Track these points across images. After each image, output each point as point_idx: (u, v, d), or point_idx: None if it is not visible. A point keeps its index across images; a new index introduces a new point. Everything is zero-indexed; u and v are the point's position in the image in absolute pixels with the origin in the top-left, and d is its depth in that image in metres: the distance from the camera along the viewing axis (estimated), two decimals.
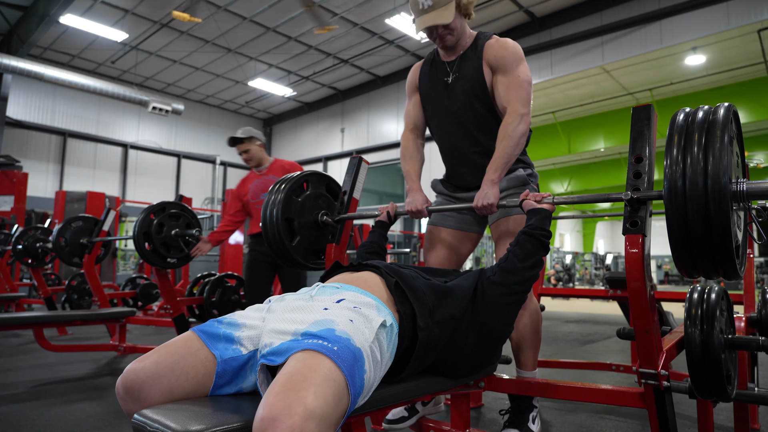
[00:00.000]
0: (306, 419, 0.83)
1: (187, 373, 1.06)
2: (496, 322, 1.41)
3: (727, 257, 1.20)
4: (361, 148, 13.89)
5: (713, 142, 1.18)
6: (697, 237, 1.19)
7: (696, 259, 1.24)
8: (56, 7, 9.05)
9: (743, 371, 1.88)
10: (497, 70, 1.83)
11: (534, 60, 10.46)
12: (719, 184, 1.15)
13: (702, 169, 1.17)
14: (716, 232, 1.17)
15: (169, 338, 1.15)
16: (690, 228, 1.19)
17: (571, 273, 20.19)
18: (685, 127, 1.25)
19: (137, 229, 3.22)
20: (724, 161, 1.16)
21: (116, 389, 1.06)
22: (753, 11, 8.16)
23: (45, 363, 3.62)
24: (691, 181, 1.18)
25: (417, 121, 2.08)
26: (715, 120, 1.22)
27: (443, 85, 1.93)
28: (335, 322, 1.04)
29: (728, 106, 1.26)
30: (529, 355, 1.87)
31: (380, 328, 1.11)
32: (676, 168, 1.21)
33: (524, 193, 1.66)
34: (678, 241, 1.23)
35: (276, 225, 1.98)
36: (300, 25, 10.71)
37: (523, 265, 1.46)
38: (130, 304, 5.49)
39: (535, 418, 1.84)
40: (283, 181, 2.08)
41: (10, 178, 8.20)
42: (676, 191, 1.20)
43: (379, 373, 1.10)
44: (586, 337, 5.35)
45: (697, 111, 1.28)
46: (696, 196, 1.17)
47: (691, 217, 1.18)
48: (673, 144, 1.24)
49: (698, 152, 1.19)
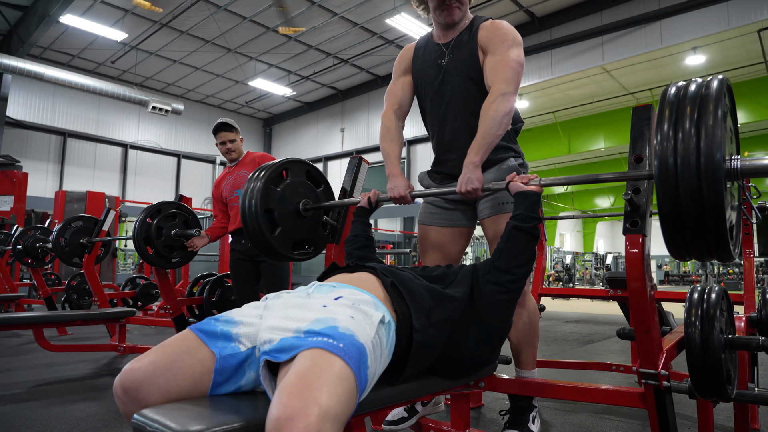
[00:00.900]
0: (322, 419, 0.83)
1: (185, 372, 1.05)
2: (495, 319, 1.41)
3: (721, 238, 1.15)
4: (361, 148, 13.89)
5: (706, 117, 1.12)
6: (690, 217, 1.13)
7: (688, 241, 1.19)
8: (56, 7, 9.05)
9: (743, 371, 1.88)
10: (487, 51, 1.78)
11: (534, 60, 10.46)
12: (712, 161, 1.08)
13: (694, 145, 1.11)
14: (709, 211, 1.11)
15: (169, 338, 1.15)
16: (682, 207, 1.13)
17: (571, 273, 20.18)
18: (677, 102, 1.18)
19: (137, 229, 3.21)
20: (717, 137, 1.09)
21: (114, 390, 1.06)
22: (753, 11, 8.16)
23: (45, 363, 3.62)
24: (682, 159, 1.11)
25: (402, 102, 2.02)
26: (708, 94, 1.15)
27: (437, 67, 1.88)
28: (336, 319, 1.04)
29: (722, 80, 1.19)
30: (529, 354, 1.88)
31: (379, 324, 1.11)
32: (667, 144, 1.14)
33: (511, 174, 1.59)
34: (669, 222, 1.17)
35: (255, 217, 1.88)
36: (300, 25, 10.71)
37: (516, 263, 1.44)
38: (129, 304, 5.49)
39: (534, 418, 1.84)
40: (260, 169, 1.97)
41: (10, 178, 8.20)
42: (667, 169, 1.13)
43: (379, 369, 1.10)
44: (586, 337, 5.35)
45: (689, 84, 1.21)
46: (688, 173, 1.11)
47: (683, 196, 1.12)
48: (663, 119, 1.17)
49: (690, 127, 1.13)
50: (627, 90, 12.59)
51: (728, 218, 1.16)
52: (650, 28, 9.07)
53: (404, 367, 1.22)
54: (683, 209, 1.13)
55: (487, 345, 1.43)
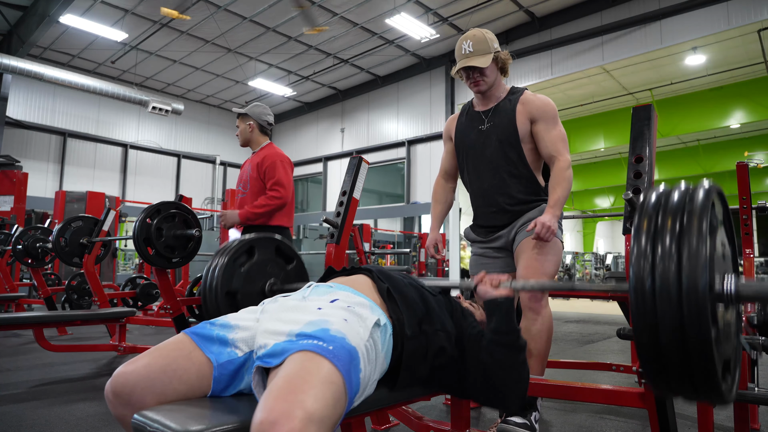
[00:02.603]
0: (306, 423, 0.82)
1: (180, 377, 1.04)
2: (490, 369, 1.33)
3: (709, 384, 0.93)
4: (361, 148, 13.89)
5: (689, 234, 0.92)
6: (671, 354, 0.92)
7: (671, 381, 0.97)
8: (56, 7, 9.05)
9: (743, 371, 1.88)
10: (539, 121, 2.04)
11: (534, 60, 10.46)
12: (696, 289, 0.88)
13: (675, 266, 0.91)
14: (694, 351, 0.89)
15: (162, 342, 1.14)
16: (662, 340, 0.92)
17: (571, 273, 20.17)
18: (657, 210, 1.00)
19: (137, 230, 3.21)
20: (701, 258, 0.89)
21: (105, 394, 1.04)
22: (753, 11, 8.16)
23: (45, 363, 3.62)
24: (662, 280, 0.91)
25: (447, 167, 2.30)
26: (692, 205, 0.96)
27: (477, 132, 2.12)
28: (330, 321, 1.04)
29: (709, 188, 1.00)
30: (538, 360, 1.89)
31: (374, 327, 1.11)
32: (644, 263, 0.94)
33: (480, 275, 1.45)
34: (646, 357, 0.96)
35: (215, 299, 1.78)
36: (300, 25, 10.71)
37: (509, 381, 1.31)
38: (130, 304, 5.49)
39: (536, 420, 1.84)
40: (224, 249, 1.85)
41: (10, 178, 8.20)
42: (644, 293, 0.93)
43: (375, 373, 1.09)
44: (586, 337, 5.34)
45: (672, 191, 1.02)
46: (667, 301, 0.90)
47: (663, 328, 0.91)
48: (641, 231, 0.98)
49: (671, 245, 0.93)
50: (627, 90, 12.58)
51: (720, 354, 0.95)
52: (650, 28, 9.07)
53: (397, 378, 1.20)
54: (663, 343, 0.93)
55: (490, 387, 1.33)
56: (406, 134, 13.16)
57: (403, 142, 13.04)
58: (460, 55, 2.05)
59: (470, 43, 2.01)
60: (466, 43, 2.03)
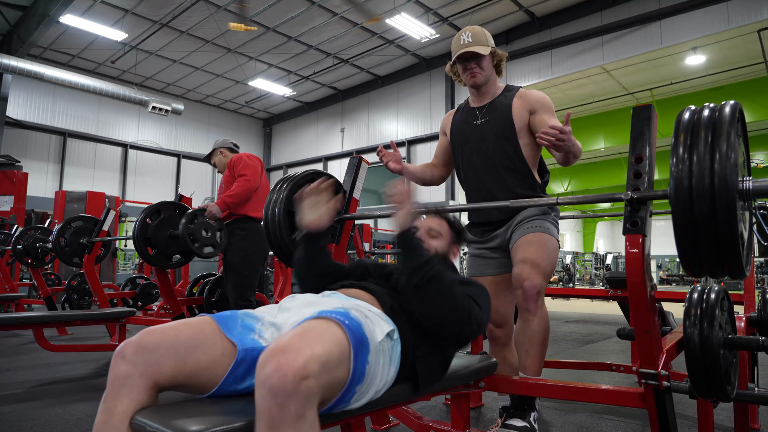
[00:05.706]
0: (311, 359, 0.88)
1: (205, 349, 1.03)
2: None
3: (735, 257, 1.19)
4: (361, 148, 13.88)
5: (720, 141, 1.17)
6: (704, 236, 1.18)
7: (702, 259, 1.23)
8: (56, 7, 9.05)
9: (743, 371, 1.88)
10: (539, 111, 2.02)
11: (534, 60, 10.47)
12: (726, 183, 1.13)
13: (709, 167, 1.16)
14: (723, 231, 1.15)
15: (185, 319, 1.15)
16: (697, 227, 1.18)
17: (571, 273, 20.18)
18: (691, 125, 1.24)
19: (137, 230, 3.21)
20: (731, 159, 1.15)
21: (118, 350, 1.00)
22: (753, 11, 8.16)
23: (45, 363, 3.62)
24: (697, 180, 1.17)
25: (438, 157, 2.33)
26: (721, 118, 1.21)
27: (473, 128, 2.13)
28: (350, 309, 1.10)
29: (734, 104, 1.25)
30: (535, 360, 1.87)
31: (386, 337, 1.11)
32: (683, 167, 1.19)
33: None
34: (684, 241, 1.22)
35: (276, 219, 1.99)
36: (300, 25, 10.71)
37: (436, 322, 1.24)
38: (129, 304, 5.48)
39: (536, 420, 1.84)
40: (286, 179, 2.10)
41: (10, 178, 8.20)
42: (683, 190, 1.18)
43: (380, 380, 1.09)
44: (586, 337, 5.34)
45: (702, 109, 1.27)
46: (703, 195, 1.16)
47: (698, 217, 1.17)
48: (679, 142, 1.22)
49: (705, 151, 1.18)
50: (627, 90, 12.59)
51: (741, 237, 1.20)
52: (650, 28, 9.07)
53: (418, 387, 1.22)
54: (698, 229, 1.18)
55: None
56: (406, 134, 13.16)
57: (403, 142, 13.04)
58: (458, 46, 2.04)
59: (469, 34, 2.02)
60: (465, 34, 2.03)
